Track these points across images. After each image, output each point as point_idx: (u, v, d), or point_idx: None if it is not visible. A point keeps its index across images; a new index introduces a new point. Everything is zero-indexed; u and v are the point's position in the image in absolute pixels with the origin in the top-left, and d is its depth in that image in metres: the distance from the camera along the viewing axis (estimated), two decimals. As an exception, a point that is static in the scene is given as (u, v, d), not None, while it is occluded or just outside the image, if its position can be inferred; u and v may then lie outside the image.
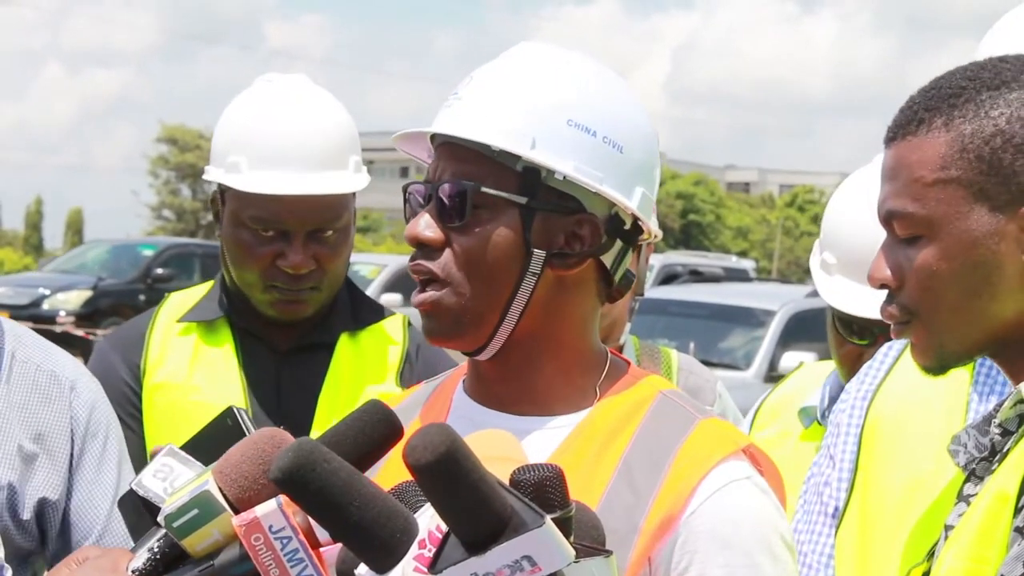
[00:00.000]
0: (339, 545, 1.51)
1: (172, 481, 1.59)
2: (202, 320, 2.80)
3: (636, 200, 1.85)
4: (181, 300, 2.88)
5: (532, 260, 1.81)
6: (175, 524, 1.53)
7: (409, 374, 2.77)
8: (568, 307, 1.85)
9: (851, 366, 2.80)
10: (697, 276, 17.72)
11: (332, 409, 2.70)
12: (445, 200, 1.80)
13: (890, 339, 2.36)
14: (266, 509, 1.49)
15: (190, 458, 1.62)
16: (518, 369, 1.84)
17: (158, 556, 1.56)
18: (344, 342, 2.79)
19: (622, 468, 1.77)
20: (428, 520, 1.40)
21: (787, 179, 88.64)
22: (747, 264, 25.74)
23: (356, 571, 1.42)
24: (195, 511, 1.52)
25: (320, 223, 2.68)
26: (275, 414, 2.70)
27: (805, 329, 12.77)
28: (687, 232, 62.47)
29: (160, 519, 1.54)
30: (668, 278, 19.29)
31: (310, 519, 1.49)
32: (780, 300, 13.32)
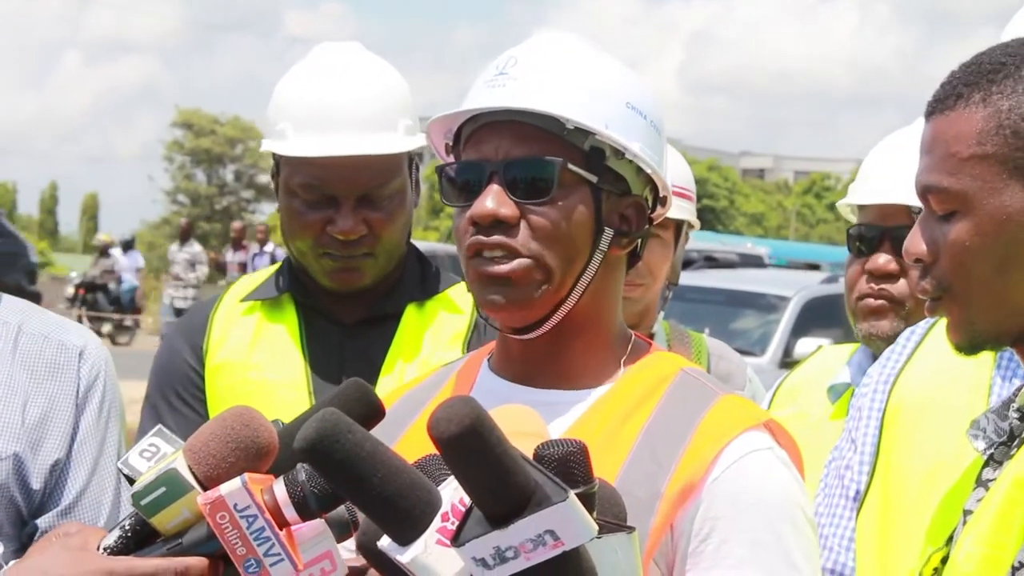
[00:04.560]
0: (309, 524, 1.52)
1: (157, 461, 1.59)
2: (265, 298, 2.78)
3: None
4: (248, 281, 2.86)
5: (603, 238, 1.86)
6: (143, 502, 1.53)
7: (477, 342, 2.70)
8: (609, 286, 1.90)
9: (855, 285, 2.89)
10: (712, 262, 17.66)
11: (395, 380, 2.64)
12: (524, 176, 1.82)
13: (897, 249, 2.34)
14: (230, 488, 1.49)
15: (177, 439, 1.62)
16: (555, 346, 1.87)
17: (129, 534, 1.56)
18: (410, 312, 2.75)
19: (643, 438, 1.79)
20: (451, 493, 1.40)
21: (802, 166, 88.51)
22: (762, 250, 25.65)
23: (379, 543, 1.42)
24: (162, 489, 1.52)
25: (369, 187, 2.63)
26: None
27: (820, 315, 12.74)
28: (701, 217, 62.14)
29: (128, 497, 1.55)
30: (683, 264, 19.17)
31: (277, 498, 1.50)
32: (795, 286, 13.30)
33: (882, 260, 2.86)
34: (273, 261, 20.21)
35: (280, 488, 1.51)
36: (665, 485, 1.74)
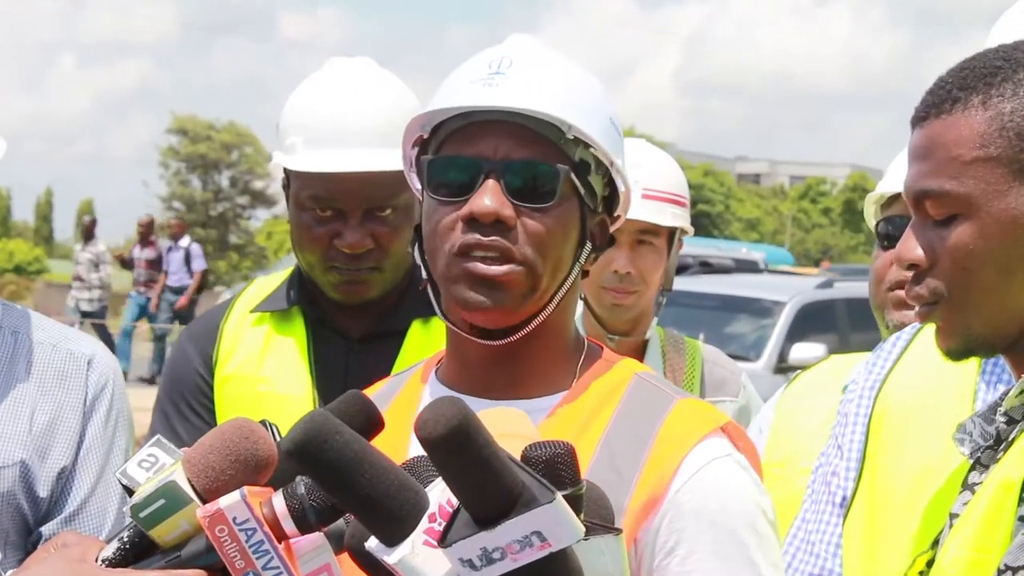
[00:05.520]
0: (307, 537, 1.52)
1: (156, 471, 1.58)
2: (274, 310, 2.81)
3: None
4: (259, 287, 2.89)
5: (583, 252, 1.86)
6: (141, 514, 1.53)
7: None
8: (572, 297, 1.91)
9: (885, 276, 2.87)
10: (707, 267, 17.67)
11: None
12: (528, 180, 1.80)
13: None
14: (229, 501, 1.48)
15: (176, 449, 1.62)
16: (516, 355, 1.86)
17: (127, 546, 1.56)
18: (416, 329, 2.77)
19: (602, 448, 1.79)
20: (439, 494, 1.40)
21: (798, 170, 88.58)
22: (757, 255, 25.64)
23: (366, 544, 1.43)
24: (161, 501, 1.52)
25: (376, 201, 2.66)
26: None
27: (815, 320, 12.77)
28: (696, 223, 62.18)
29: (126, 509, 1.55)
30: (678, 269, 19.08)
31: (276, 511, 1.50)
32: (790, 291, 13.31)
33: None
34: (188, 257, 19.47)
35: (279, 501, 1.51)
36: (628, 499, 1.74)
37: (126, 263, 20.43)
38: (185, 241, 20.06)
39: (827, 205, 71.60)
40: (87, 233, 20.01)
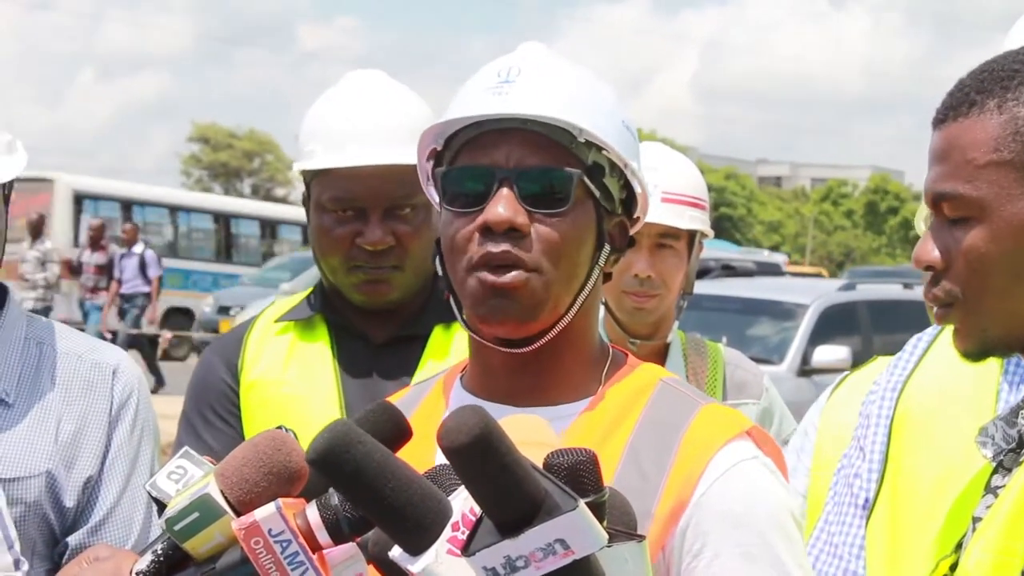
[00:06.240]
0: (340, 547, 1.52)
1: (186, 483, 1.59)
2: (298, 319, 2.85)
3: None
4: (283, 303, 2.94)
5: (601, 255, 1.86)
6: (176, 527, 1.54)
7: None
8: (595, 302, 1.90)
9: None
10: (729, 270, 17.65)
11: None
12: (542, 186, 1.80)
13: None
14: (265, 513, 1.49)
15: (204, 460, 1.63)
16: (540, 362, 1.86)
17: (161, 559, 1.56)
18: (438, 334, 2.80)
19: (629, 453, 1.79)
20: (462, 503, 1.41)
21: (819, 173, 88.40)
22: (779, 258, 25.60)
23: (390, 553, 1.43)
24: (195, 514, 1.53)
25: (396, 199, 2.71)
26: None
27: (838, 323, 12.72)
28: (718, 226, 62.31)
29: (161, 522, 1.55)
30: (700, 272, 18.99)
31: (310, 522, 1.50)
32: (813, 294, 13.27)
33: None
34: (143, 263, 18.78)
35: (313, 512, 1.52)
36: (655, 505, 1.74)
37: (74, 269, 19.58)
38: (139, 247, 19.41)
39: (849, 207, 71.43)
40: (35, 231, 19.13)
